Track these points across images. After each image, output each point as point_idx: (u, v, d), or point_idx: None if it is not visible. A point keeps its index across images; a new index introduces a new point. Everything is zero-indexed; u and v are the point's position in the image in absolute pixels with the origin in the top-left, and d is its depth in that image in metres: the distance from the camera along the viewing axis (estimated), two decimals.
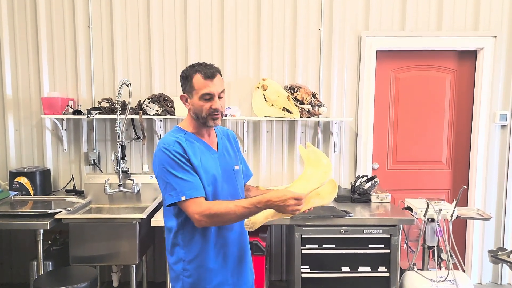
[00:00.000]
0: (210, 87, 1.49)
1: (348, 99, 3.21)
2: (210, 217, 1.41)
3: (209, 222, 1.44)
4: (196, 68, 1.51)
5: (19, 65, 3.13)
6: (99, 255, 2.47)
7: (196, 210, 1.42)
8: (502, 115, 3.16)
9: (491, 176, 3.24)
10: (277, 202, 1.39)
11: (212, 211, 1.41)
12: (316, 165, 1.57)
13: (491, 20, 3.13)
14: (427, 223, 2.55)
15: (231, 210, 1.41)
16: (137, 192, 2.91)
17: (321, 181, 1.54)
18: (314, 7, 3.13)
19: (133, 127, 3.16)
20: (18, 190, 2.91)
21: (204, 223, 1.44)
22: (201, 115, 1.51)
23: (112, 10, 3.09)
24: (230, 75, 3.16)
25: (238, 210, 1.41)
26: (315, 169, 1.56)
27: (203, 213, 1.41)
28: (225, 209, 1.41)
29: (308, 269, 2.47)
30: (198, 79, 1.49)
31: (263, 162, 3.23)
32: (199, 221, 1.43)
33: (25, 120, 3.17)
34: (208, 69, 1.50)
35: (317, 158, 1.59)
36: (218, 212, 1.41)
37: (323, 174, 1.55)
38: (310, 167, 1.58)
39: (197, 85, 1.49)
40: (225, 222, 1.47)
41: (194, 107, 1.52)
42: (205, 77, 1.48)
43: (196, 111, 1.52)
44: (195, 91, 1.50)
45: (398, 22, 3.15)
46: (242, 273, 1.64)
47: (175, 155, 1.45)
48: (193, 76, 1.50)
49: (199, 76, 1.49)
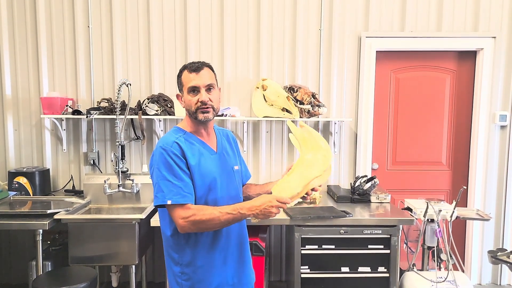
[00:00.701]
0: (196, 80, 1.50)
1: (347, 99, 3.21)
2: (194, 223, 1.42)
3: (193, 228, 1.44)
4: (185, 65, 1.55)
5: (19, 65, 3.12)
6: (98, 255, 2.46)
7: (180, 215, 1.42)
8: (502, 115, 3.16)
9: (490, 177, 3.24)
10: (261, 207, 1.40)
11: (197, 218, 1.41)
12: (315, 148, 1.52)
13: (491, 20, 3.13)
14: (427, 223, 2.55)
15: (215, 216, 1.41)
16: (136, 192, 2.91)
17: (323, 168, 1.49)
18: (314, 8, 3.13)
19: (132, 127, 3.15)
20: (17, 190, 2.90)
21: (187, 229, 1.44)
22: (191, 110, 1.52)
23: (112, 10, 3.09)
24: (230, 76, 3.15)
25: (222, 216, 1.41)
26: (314, 154, 1.51)
27: (188, 219, 1.41)
28: (209, 215, 1.41)
29: (308, 270, 2.46)
30: (185, 75, 1.52)
31: (262, 162, 3.23)
32: (182, 227, 1.43)
33: (24, 120, 3.16)
34: (193, 64, 1.52)
35: (314, 140, 1.54)
36: (203, 219, 1.41)
37: (324, 160, 1.50)
38: (308, 151, 1.52)
39: (184, 80, 1.52)
40: (209, 228, 1.46)
41: (186, 103, 1.54)
42: (190, 71, 1.51)
43: (187, 107, 1.54)
44: (184, 87, 1.53)
45: (398, 22, 3.15)
46: (243, 274, 1.63)
47: (171, 157, 1.45)
48: (182, 72, 1.54)
49: (186, 72, 1.52)
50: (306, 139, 1.55)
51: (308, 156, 1.51)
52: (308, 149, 1.53)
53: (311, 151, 1.52)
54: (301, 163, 1.52)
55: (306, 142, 1.55)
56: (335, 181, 3.28)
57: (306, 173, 1.48)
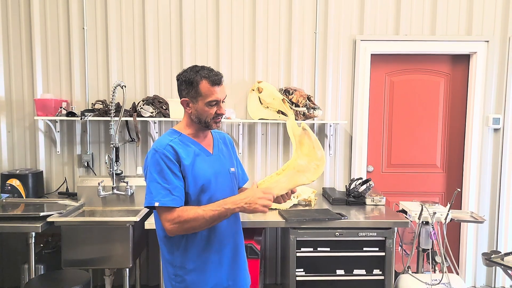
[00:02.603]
0: (218, 93, 1.49)
1: (343, 102, 3.22)
2: (180, 224, 1.41)
3: (180, 229, 1.43)
4: (201, 73, 1.49)
5: (12, 66, 3.10)
6: (91, 258, 2.44)
7: (167, 217, 1.42)
8: (495, 118, 3.19)
9: (484, 179, 3.26)
10: (245, 199, 1.40)
11: (182, 219, 1.41)
12: (310, 155, 1.51)
13: (484, 25, 3.17)
14: (422, 226, 2.55)
15: (199, 215, 1.41)
16: (130, 195, 2.89)
17: (312, 178, 1.49)
18: (309, 11, 3.14)
19: (127, 129, 3.14)
20: (10, 193, 2.87)
21: (175, 231, 1.44)
22: (204, 119, 1.51)
23: (107, 11, 3.08)
24: (225, 78, 3.08)
25: (206, 214, 1.41)
26: (308, 161, 1.50)
27: (174, 221, 1.41)
28: (193, 214, 1.41)
29: (303, 272, 2.46)
30: (205, 86, 1.48)
31: (258, 164, 3.22)
32: (170, 229, 1.43)
33: (18, 122, 3.14)
34: (214, 75, 1.49)
35: (312, 147, 1.52)
36: (188, 219, 1.41)
37: (316, 170, 1.49)
38: (303, 155, 1.51)
39: (205, 92, 1.48)
40: (196, 228, 1.45)
41: (198, 112, 1.51)
42: (212, 84, 1.48)
43: (200, 116, 1.51)
44: (201, 97, 1.49)
45: (392, 26, 3.17)
46: (238, 277, 1.63)
47: (163, 159, 1.45)
48: (199, 82, 1.48)
49: (206, 83, 1.48)
50: (303, 142, 1.54)
51: (301, 161, 1.50)
52: (303, 154, 1.52)
53: (306, 157, 1.51)
54: (293, 167, 1.51)
55: (303, 145, 1.53)
56: (331, 184, 3.28)
57: (295, 178, 1.48)
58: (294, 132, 1.57)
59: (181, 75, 1.52)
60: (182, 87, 1.52)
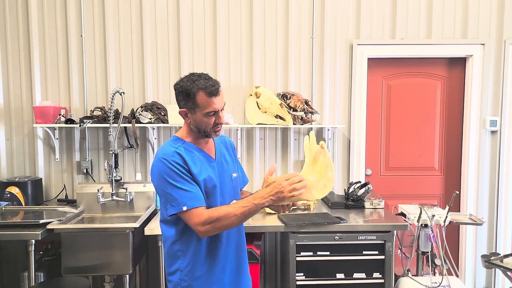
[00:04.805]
0: (215, 104, 1.47)
1: (340, 106, 3.24)
2: (213, 224, 1.41)
3: (213, 230, 1.43)
4: (197, 84, 1.45)
5: (11, 73, 3.11)
6: (91, 265, 2.44)
7: (198, 221, 1.41)
8: (492, 121, 3.21)
9: (482, 181, 3.27)
10: (273, 191, 1.40)
11: (213, 218, 1.40)
12: (321, 173, 1.49)
13: (479, 28, 3.19)
14: (421, 228, 2.56)
15: (231, 212, 1.41)
16: (130, 201, 2.89)
17: (318, 196, 1.48)
18: (306, 16, 3.17)
19: (126, 136, 3.14)
20: (9, 200, 2.87)
21: (209, 233, 1.43)
22: (204, 129, 1.51)
23: (105, 18, 3.10)
24: (223, 83, 3.14)
25: (237, 210, 1.41)
26: (318, 179, 1.48)
27: (206, 222, 1.40)
28: (224, 212, 1.41)
29: (303, 277, 2.46)
30: (202, 97, 1.45)
31: (256, 169, 3.23)
32: (203, 232, 1.42)
33: (16, 129, 3.14)
34: (211, 85, 1.46)
35: (325, 166, 1.50)
36: (219, 217, 1.40)
37: (323, 189, 1.48)
38: (314, 172, 1.50)
39: (202, 103, 1.46)
40: (227, 225, 1.44)
41: (197, 122, 1.50)
42: (210, 95, 1.46)
43: (199, 126, 1.51)
44: (199, 109, 1.47)
45: (388, 30, 3.20)
46: (240, 282, 1.63)
47: (174, 166, 1.44)
48: (196, 93, 1.45)
49: (203, 94, 1.45)
50: (318, 160, 1.52)
51: (311, 178, 1.49)
52: (314, 171, 1.51)
53: (316, 175, 1.50)
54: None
55: (316, 163, 1.52)
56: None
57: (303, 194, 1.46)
58: (311, 147, 1.55)
59: (178, 85, 1.50)
60: (180, 98, 1.51)
